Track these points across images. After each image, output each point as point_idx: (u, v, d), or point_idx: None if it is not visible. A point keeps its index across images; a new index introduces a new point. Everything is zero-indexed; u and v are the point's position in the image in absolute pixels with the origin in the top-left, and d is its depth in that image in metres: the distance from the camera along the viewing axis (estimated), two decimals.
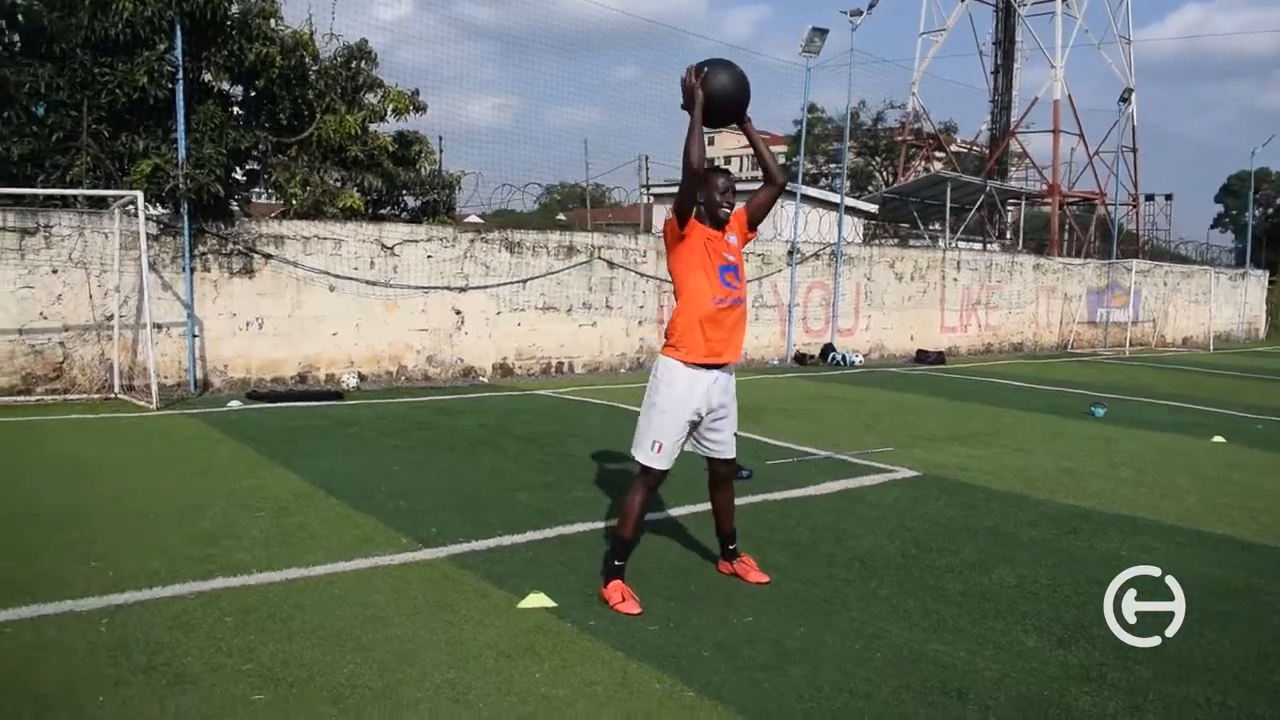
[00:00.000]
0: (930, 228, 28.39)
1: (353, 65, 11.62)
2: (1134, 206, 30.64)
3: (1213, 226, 66.57)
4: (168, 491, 6.06)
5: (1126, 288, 23.17)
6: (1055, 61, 28.95)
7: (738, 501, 5.23)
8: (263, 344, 10.88)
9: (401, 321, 11.93)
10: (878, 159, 41.32)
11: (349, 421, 8.69)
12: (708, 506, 4.89)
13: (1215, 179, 68.41)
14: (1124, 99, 23.74)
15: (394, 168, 12.05)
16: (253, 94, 11.22)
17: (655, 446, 4.29)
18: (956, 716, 3.44)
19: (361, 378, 11.37)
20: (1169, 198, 36.41)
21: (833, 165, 41.91)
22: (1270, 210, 50.54)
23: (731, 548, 4.76)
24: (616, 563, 4.33)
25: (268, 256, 10.76)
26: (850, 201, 21.74)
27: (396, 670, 3.56)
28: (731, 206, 4.31)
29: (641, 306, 14.45)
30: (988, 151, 34.34)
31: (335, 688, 3.40)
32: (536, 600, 4.30)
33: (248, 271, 10.71)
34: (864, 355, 17.63)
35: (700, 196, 4.24)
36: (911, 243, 26.51)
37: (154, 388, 9.33)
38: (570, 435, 8.43)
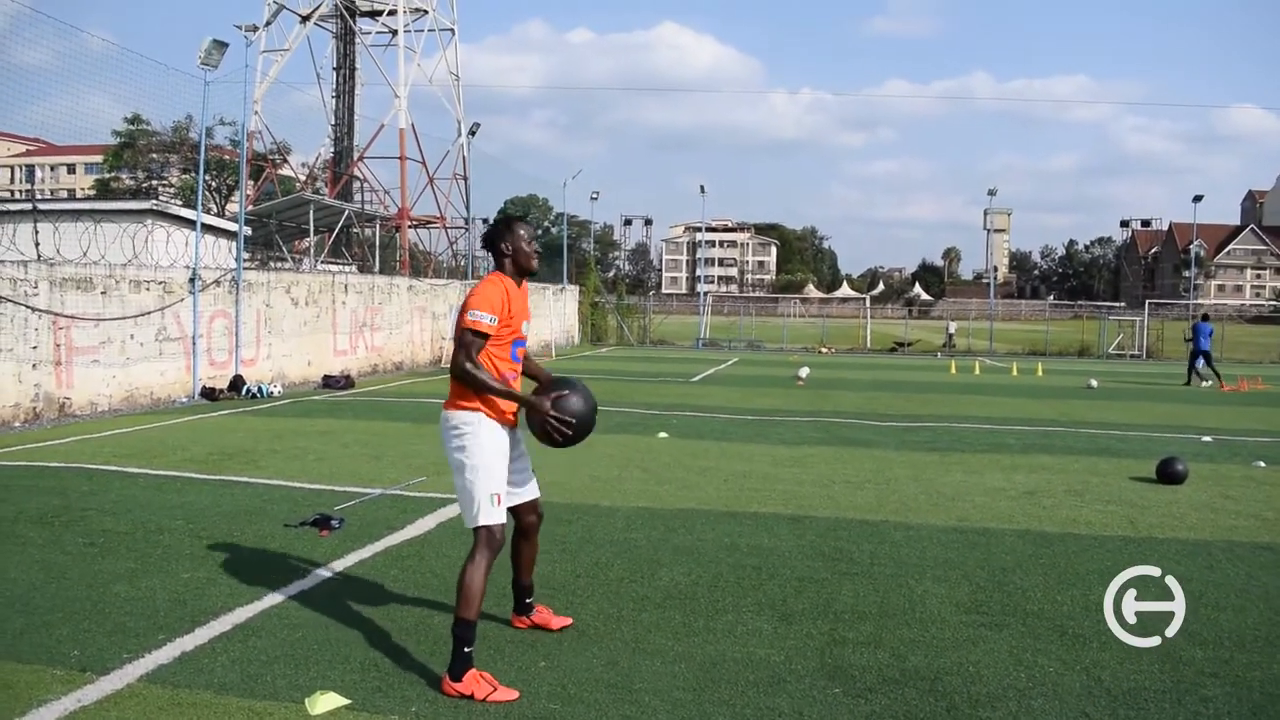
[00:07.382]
0: (292, 251, 27.92)
1: None
2: (466, 229, 33.81)
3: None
4: None
5: None
6: (398, 92, 30.53)
7: (352, 559, 5.65)
8: None
9: None
10: (208, 176, 38.99)
11: None
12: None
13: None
14: (472, 132, 26.14)
15: None
16: None
17: (494, 500, 4.01)
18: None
19: None
20: (486, 221, 40.95)
21: (157, 182, 38.50)
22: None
23: (529, 601, 4.60)
24: (466, 650, 3.88)
25: None
26: (228, 224, 20.52)
27: None
28: (539, 253, 4.22)
29: (35, 347, 12.00)
30: (330, 174, 34.77)
31: None
32: (328, 701, 3.72)
33: None
34: (274, 385, 16.81)
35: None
36: (274, 265, 25.80)
37: None
38: (84, 509, 6.86)
